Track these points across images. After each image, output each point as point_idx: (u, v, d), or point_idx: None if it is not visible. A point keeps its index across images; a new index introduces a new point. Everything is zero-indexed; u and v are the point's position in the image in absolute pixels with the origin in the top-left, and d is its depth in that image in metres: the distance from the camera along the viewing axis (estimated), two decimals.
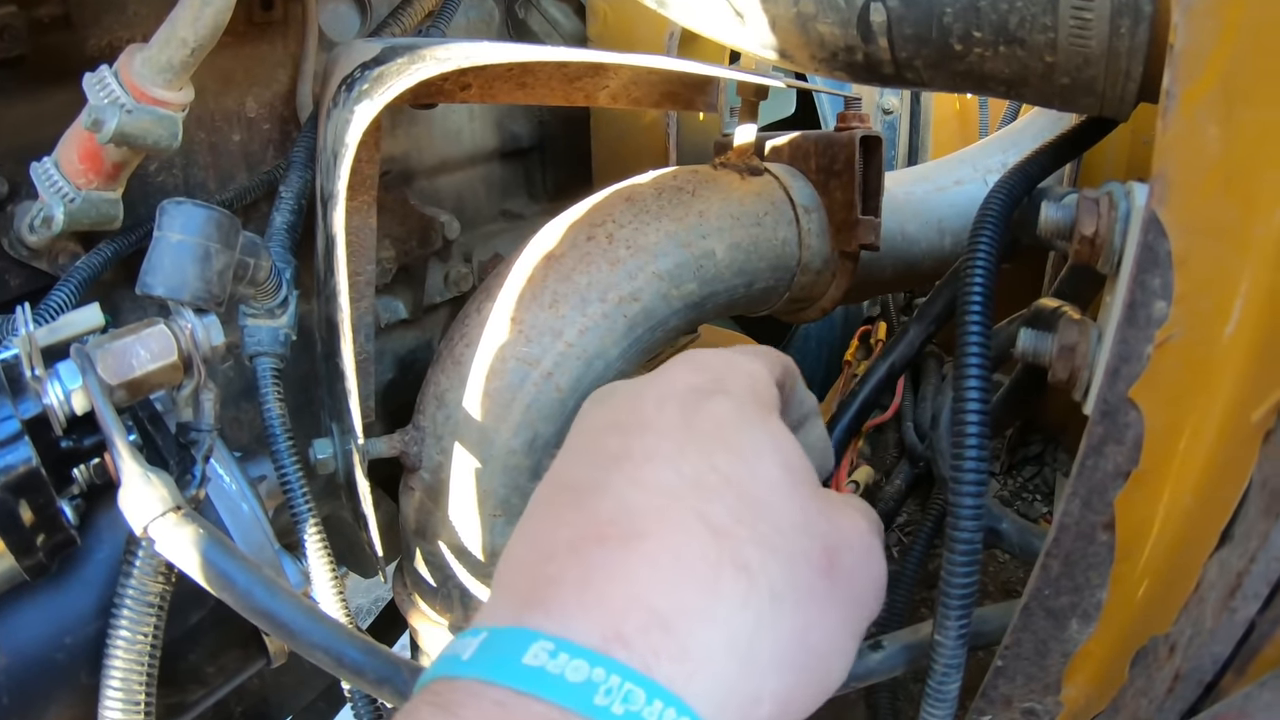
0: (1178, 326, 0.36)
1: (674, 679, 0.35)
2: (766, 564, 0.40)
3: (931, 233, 1.21)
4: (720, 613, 0.38)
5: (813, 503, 0.45)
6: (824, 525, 0.44)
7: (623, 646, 0.35)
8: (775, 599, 0.40)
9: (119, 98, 0.68)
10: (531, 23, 1.22)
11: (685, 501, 0.40)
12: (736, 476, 0.42)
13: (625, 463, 0.42)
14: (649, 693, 0.34)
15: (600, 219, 0.85)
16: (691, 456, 0.42)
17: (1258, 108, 0.34)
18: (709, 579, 0.38)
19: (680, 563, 0.38)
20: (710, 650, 0.37)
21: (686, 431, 0.44)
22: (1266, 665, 0.34)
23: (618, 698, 0.34)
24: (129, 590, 0.55)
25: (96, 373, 0.54)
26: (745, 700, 0.38)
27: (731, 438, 0.44)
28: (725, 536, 0.39)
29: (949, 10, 0.56)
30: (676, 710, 0.34)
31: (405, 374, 1.10)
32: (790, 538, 0.42)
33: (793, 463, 0.45)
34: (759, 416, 0.46)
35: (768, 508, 0.42)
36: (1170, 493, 0.39)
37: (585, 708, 0.33)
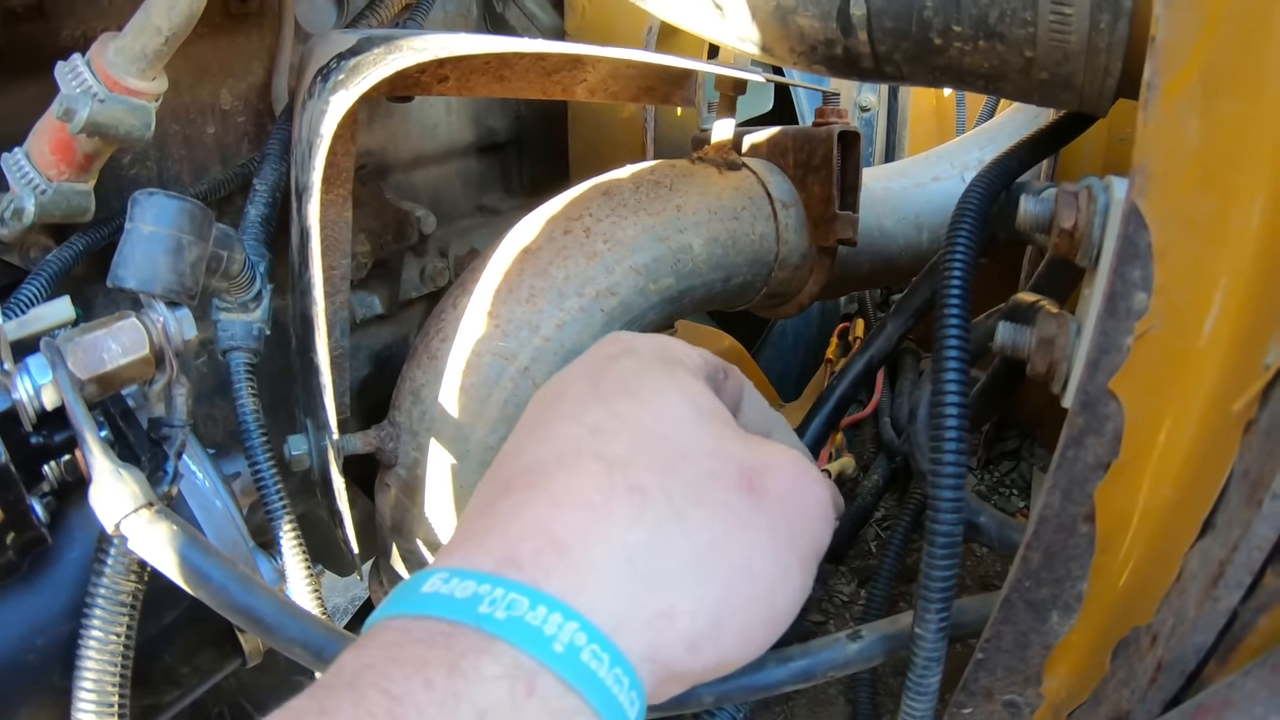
0: (1158, 318, 0.36)
1: (564, 590, 0.38)
2: (665, 484, 0.42)
3: (909, 228, 1.22)
4: (613, 531, 0.40)
5: (728, 434, 0.47)
6: (740, 451, 0.46)
7: (515, 568, 0.38)
8: (677, 514, 0.42)
9: (91, 87, 0.66)
10: (509, 17, 1.22)
11: (584, 445, 0.44)
12: (635, 417, 0.45)
13: (538, 428, 0.47)
14: (533, 600, 0.37)
15: (577, 213, 0.85)
16: (594, 408, 0.46)
17: (1238, 100, 0.34)
18: (603, 504, 0.41)
19: (575, 494, 0.41)
20: (602, 564, 0.39)
21: (592, 390, 0.48)
22: (1249, 654, 0.34)
23: (500, 606, 0.36)
24: (101, 589, 0.54)
25: (67, 367, 0.53)
26: (654, 613, 0.40)
27: (634, 387, 0.48)
28: (620, 467, 0.42)
29: (929, 4, 0.56)
30: (563, 615, 0.37)
31: (381, 370, 1.09)
32: (696, 461, 0.44)
33: (701, 404, 0.48)
34: (664, 368, 0.49)
35: (668, 439, 0.45)
36: (1151, 484, 0.39)
37: (470, 617, 0.36)
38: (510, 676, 0.35)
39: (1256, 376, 0.34)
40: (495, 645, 0.36)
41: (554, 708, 0.35)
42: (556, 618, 0.37)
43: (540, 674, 0.36)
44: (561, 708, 0.36)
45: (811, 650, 0.54)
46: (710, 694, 0.51)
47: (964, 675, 0.49)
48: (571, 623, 0.37)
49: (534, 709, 0.35)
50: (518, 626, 0.36)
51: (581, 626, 0.37)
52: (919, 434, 0.80)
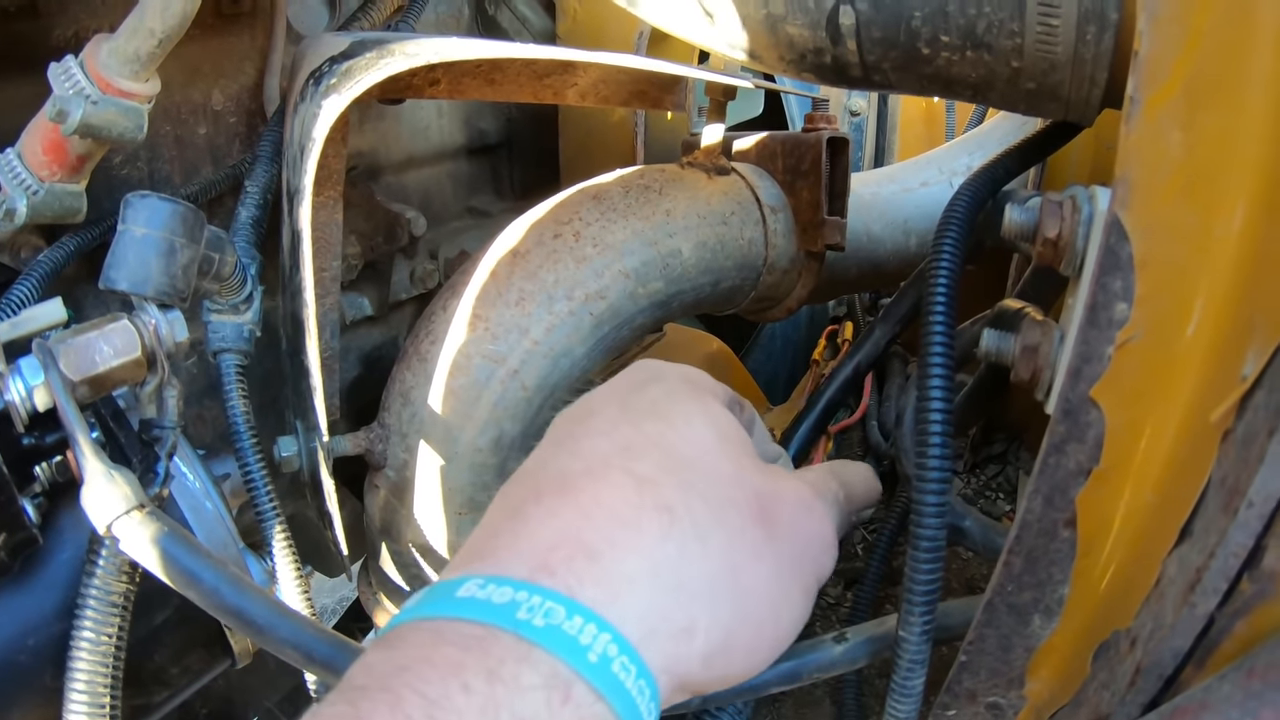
0: (1138, 328, 0.37)
1: (597, 600, 0.38)
2: (690, 505, 0.43)
3: (897, 233, 1.22)
4: (643, 545, 0.41)
5: (747, 463, 0.49)
6: (757, 480, 0.48)
7: (548, 575, 0.39)
8: (700, 536, 0.43)
9: (84, 88, 0.67)
10: (501, 19, 1.22)
11: (614, 461, 0.45)
12: (663, 438, 0.47)
13: (567, 442, 0.48)
14: (569, 609, 0.37)
15: (567, 217, 0.85)
16: (623, 427, 0.47)
17: (1219, 113, 0.35)
18: (632, 518, 0.42)
19: (605, 507, 0.42)
20: (633, 577, 0.40)
21: (622, 411, 0.49)
22: (1225, 659, 0.35)
23: (539, 613, 0.37)
24: (92, 590, 0.54)
25: (59, 368, 0.53)
26: (676, 628, 0.41)
27: (662, 410, 0.49)
28: (649, 484, 0.43)
29: (917, 14, 0.56)
30: (597, 626, 0.37)
31: (370, 371, 1.09)
32: (718, 486, 0.46)
33: (726, 431, 0.50)
34: (691, 393, 0.51)
35: (693, 461, 0.46)
36: (1131, 490, 0.40)
37: (508, 623, 0.36)
38: (548, 686, 0.35)
39: (1234, 386, 0.34)
40: (534, 653, 0.36)
41: (584, 715, 0.36)
42: (591, 628, 0.37)
43: (575, 683, 0.36)
44: (591, 715, 0.36)
45: (797, 652, 0.55)
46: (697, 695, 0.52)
47: (948, 677, 0.50)
48: (605, 634, 0.37)
49: (568, 717, 0.35)
50: (556, 635, 0.36)
51: (614, 638, 0.38)
52: (905, 438, 0.81)
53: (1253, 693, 0.32)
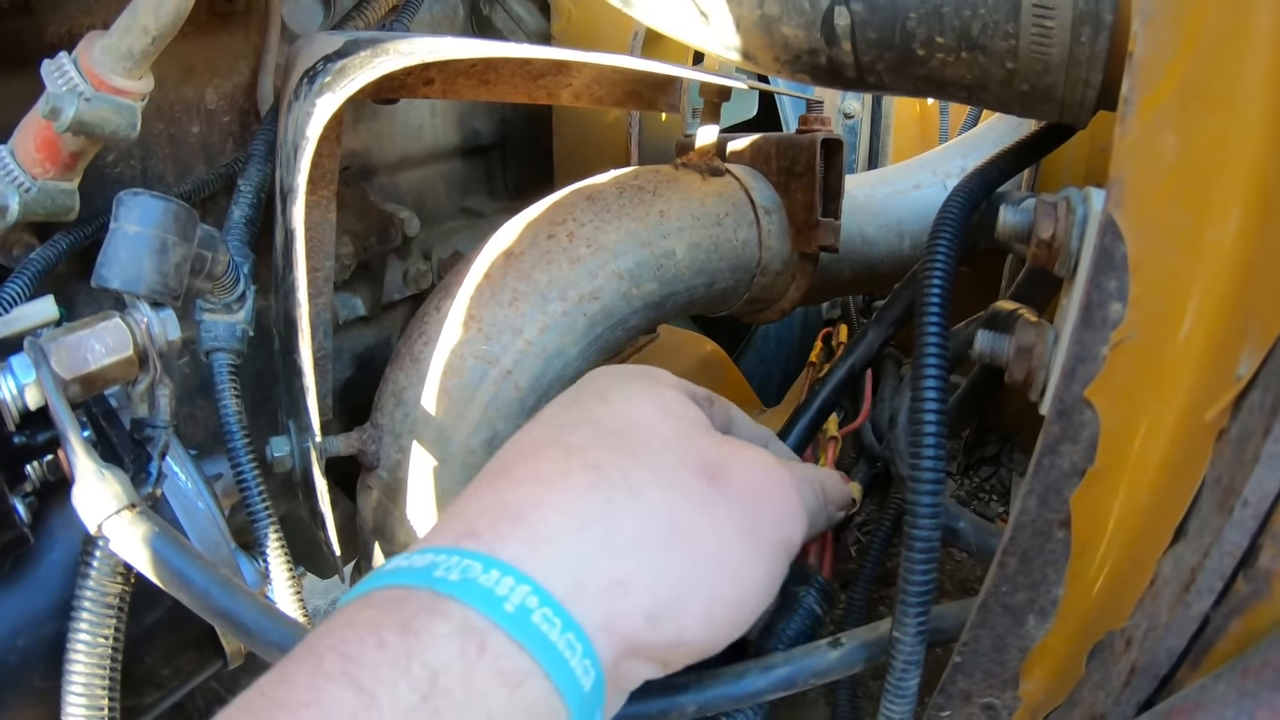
0: (1133, 328, 0.37)
1: (519, 556, 0.39)
2: (622, 464, 0.44)
3: (890, 235, 1.23)
4: (566, 501, 0.42)
5: (696, 431, 0.50)
6: (704, 443, 0.49)
7: (473, 538, 0.40)
8: (632, 490, 0.43)
9: (78, 85, 0.66)
10: (496, 19, 1.22)
11: (548, 438, 0.47)
12: (602, 415, 0.48)
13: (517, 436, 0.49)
14: (485, 565, 0.38)
15: (561, 217, 0.85)
16: (563, 413, 0.50)
17: (1213, 115, 0.35)
18: (558, 479, 0.43)
19: (533, 473, 0.44)
20: (555, 532, 0.41)
21: (566, 401, 0.51)
22: (1221, 658, 0.35)
23: (455, 570, 0.38)
24: (88, 592, 0.54)
25: (50, 367, 0.53)
26: (609, 580, 0.41)
27: (604, 393, 0.51)
28: (577, 451, 0.45)
29: (912, 15, 0.57)
30: (515, 579, 0.38)
31: (363, 371, 1.09)
32: (657, 449, 0.46)
33: (671, 407, 0.51)
34: (638, 379, 0.53)
35: (630, 430, 0.47)
36: (1125, 490, 0.40)
37: (425, 580, 0.38)
38: (460, 634, 0.36)
39: (1228, 387, 0.34)
40: (447, 605, 0.37)
41: (504, 668, 0.36)
42: (509, 581, 0.38)
43: (491, 633, 0.36)
44: (512, 668, 0.36)
45: (793, 658, 0.55)
46: (693, 702, 0.52)
47: (942, 678, 0.50)
48: (523, 586, 0.38)
49: (484, 668, 0.36)
50: (469, 587, 0.37)
51: (534, 590, 0.38)
52: (899, 439, 0.81)
53: (1248, 692, 0.32)
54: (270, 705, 0.34)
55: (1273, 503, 0.32)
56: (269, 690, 0.35)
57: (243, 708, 0.35)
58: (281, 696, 0.34)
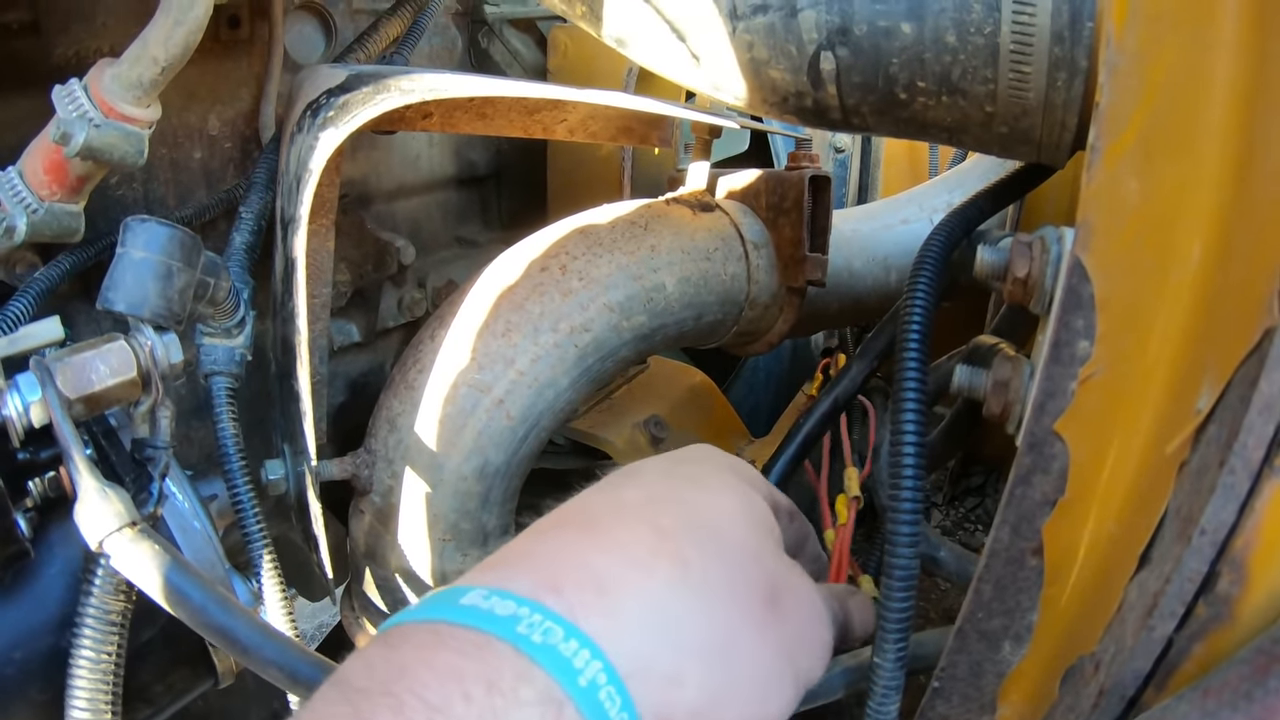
0: (1100, 364, 0.39)
1: (598, 631, 0.39)
2: (706, 563, 0.44)
3: (877, 269, 1.24)
4: (650, 587, 0.42)
5: (769, 547, 0.50)
6: (774, 565, 0.49)
7: (554, 595, 0.40)
8: (707, 596, 0.44)
9: (88, 112, 0.68)
10: (494, 52, 1.24)
11: (640, 511, 0.46)
12: (694, 501, 0.48)
13: (606, 489, 0.49)
14: (567, 632, 0.38)
15: (554, 250, 0.87)
16: (658, 485, 0.49)
17: (1175, 162, 0.37)
18: (646, 561, 0.43)
19: (622, 546, 0.43)
20: (636, 616, 0.41)
21: (663, 473, 0.51)
22: (1184, 680, 0.36)
23: (538, 630, 0.38)
24: (91, 608, 0.55)
25: (56, 386, 0.54)
26: (666, 675, 0.41)
27: (699, 479, 0.51)
28: (668, 536, 0.44)
29: (895, 61, 0.59)
30: (591, 653, 0.38)
31: (357, 397, 1.10)
32: (735, 556, 0.47)
33: (755, 514, 0.51)
34: (732, 475, 0.53)
35: (717, 529, 0.47)
36: (1094, 520, 0.41)
37: (508, 634, 0.37)
38: (543, 703, 0.36)
39: (1189, 420, 0.36)
40: (531, 670, 0.37)
41: None
42: (585, 654, 0.38)
43: (566, 705, 0.37)
44: None
45: None
46: None
47: (921, 703, 0.51)
48: (597, 661, 0.38)
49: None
50: (551, 655, 0.37)
51: (604, 667, 0.38)
52: (881, 471, 0.82)
53: (1208, 712, 0.33)
54: None
55: (1229, 531, 0.33)
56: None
57: None
58: None
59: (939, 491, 1.19)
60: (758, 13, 0.62)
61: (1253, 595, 0.34)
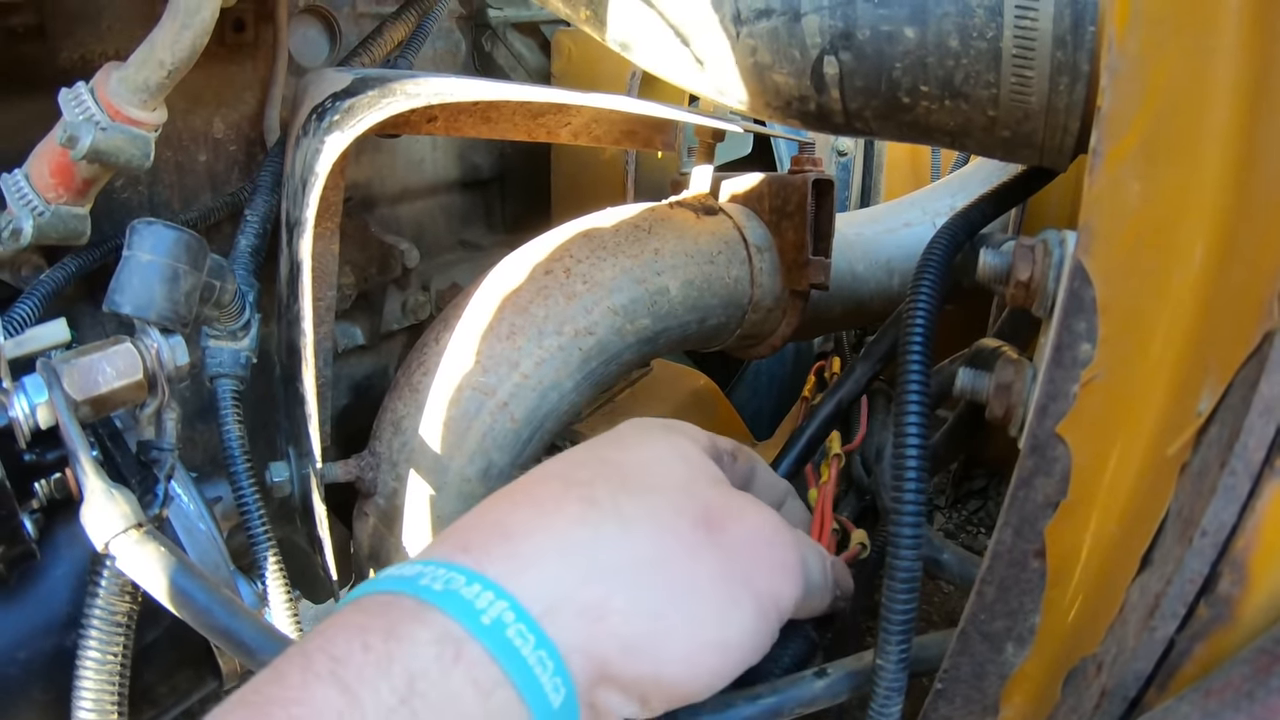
0: (1101, 367, 0.39)
1: (501, 574, 0.41)
2: (618, 499, 0.46)
3: (880, 273, 1.25)
4: (555, 526, 0.44)
5: (702, 481, 0.51)
6: (712, 494, 0.50)
7: (463, 553, 0.42)
8: (623, 523, 0.45)
9: (94, 115, 0.68)
10: (497, 56, 1.25)
11: (555, 472, 0.49)
12: (611, 456, 0.51)
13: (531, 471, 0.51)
14: (469, 578, 0.40)
15: (558, 253, 0.87)
16: (579, 452, 0.52)
17: (1176, 166, 0.37)
18: (552, 506, 0.45)
19: (532, 499, 0.46)
20: (539, 552, 0.43)
21: (587, 445, 0.53)
22: (1186, 681, 0.36)
23: (439, 580, 0.40)
24: (97, 609, 0.55)
25: (62, 387, 0.55)
26: (585, 604, 0.42)
27: (623, 440, 0.53)
28: (578, 484, 0.47)
29: (898, 65, 0.59)
30: (495, 593, 0.40)
31: (360, 400, 1.10)
32: (658, 492, 0.48)
33: (687, 456, 0.52)
34: (660, 429, 0.55)
35: (636, 474, 0.49)
36: (1096, 521, 0.42)
37: (410, 588, 0.40)
38: (439, 642, 0.38)
39: (1190, 422, 0.36)
40: (429, 613, 0.39)
41: (477, 677, 0.38)
42: (488, 595, 0.40)
43: (467, 643, 0.39)
44: (485, 677, 0.38)
45: (779, 688, 0.55)
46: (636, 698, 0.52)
47: (924, 706, 0.51)
48: (501, 601, 0.40)
49: (460, 676, 0.38)
50: (450, 598, 0.39)
51: (510, 606, 0.40)
52: (884, 473, 0.82)
53: (1210, 712, 0.34)
54: (263, 701, 0.36)
55: (1230, 532, 0.34)
56: (262, 687, 0.37)
57: (238, 703, 0.37)
58: (273, 693, 0.37)
59: (941, 495, 1.19)
60: (761, 17, 0.62)
61: (1254, 596, 0.34)
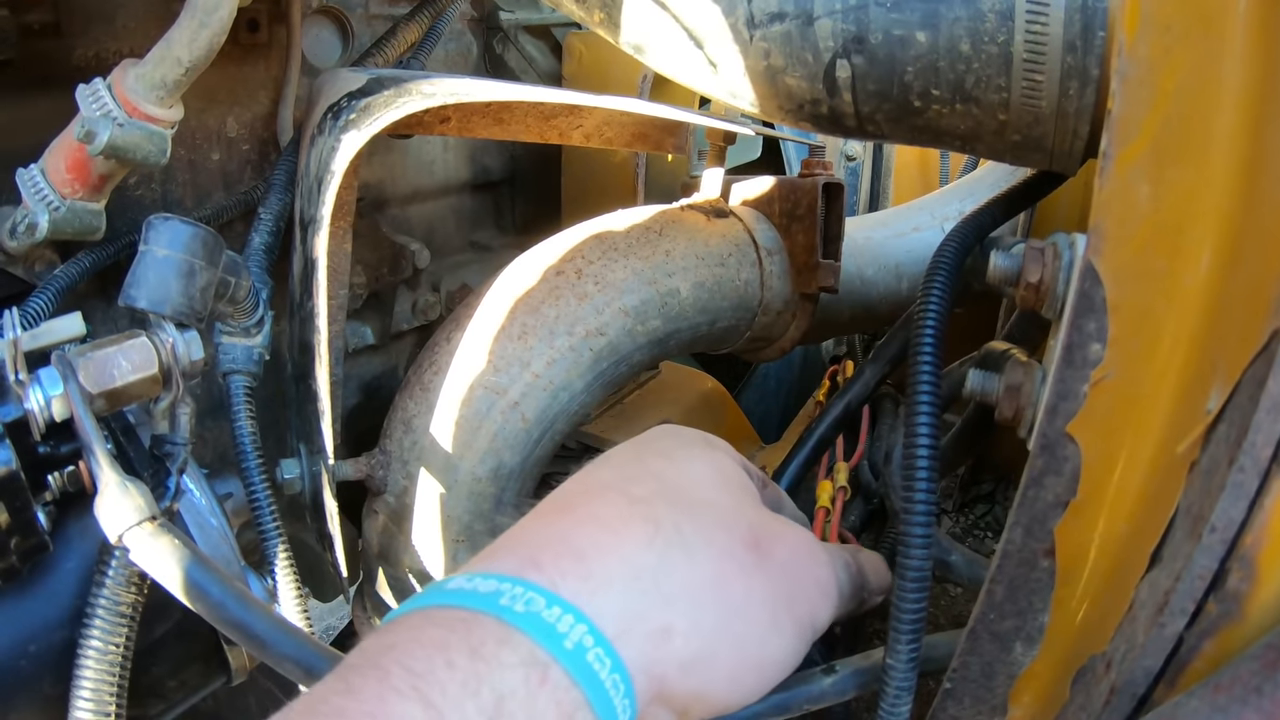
0: (1111, 367, 0.39)
1: (577, 595, 0.41)
2: (678, 521, 0.46)
3: (889, 277, 1.25)
4: (625, 549, 0.44)
5: (748, 501, 0.52)
6: (754, 516, 0.51)
7: (535, 570, 0.42)
8: (685, 547, 0.46)
9: (111, 111, 0.69)
10: (509, 58, 1.25)
11: (612, 485, 0.49)
12: (664, 472, 0.51)
13: (579, 476, 0.51)
14: (549, 600, 0.40)
15: (570, 254, 0.87)
16: (630, 463, 0.52)
17: (1185, 168, 0.37)
18: (619, 526, 0.45)
19: (596, 517, 0.46)
20: (612, 577, 0.43)
21: (633, 453, 0.53)
22: (1195, 677, 0.36)
23: (520, 601, 0.40)
24: (101, 600, 0.55)
25: (78, 380, 0.55)
26: (654, 628, 0.43)
27: (669, 452, 0.53)
28: (639, 502, 0.47)
29: (910, 69, 0.59)
30: (574, 617, 0.40)
31: (370, 399, 1.11)
32: (711, 513, 0.49)
33: (729, 476, 0.53)
34: (702, 445, 0.55)
35: (688, 491, 0.50)
36: (1106, 520, 0.42)
37: (491, 608, 0.39)
38: (526, 665, 0.38)
39: (1199, 420, 0.36)
40: (514, 636, 0.39)
41: (560, 699, 0.38)
42: (569, 619, 0.40)
43: (552, 666, 0.39)
44: (567, 700, 0.38)
45: (787, 684, 0.56)
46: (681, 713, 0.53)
47: (932, 705, 0.51)
48: (581, 625, 0.40)
49: (545, 698, 0.38)
50: (535, 621, 0.39)
51: (589, 630, 0.40)
52: (894, 475, 0.82)
53: (1219, 707, 0.34)
54: (332, 712, 0.35)
55: (1239, 529, 0.34)
56: (334, 698, 0.36)
57: (305, 711, 0.36)
58: (345, 704, 0.36)
59: (949, 499, 1.18)
60: (774, 21, 0.63)
61: (1262, 592, 0.34)
